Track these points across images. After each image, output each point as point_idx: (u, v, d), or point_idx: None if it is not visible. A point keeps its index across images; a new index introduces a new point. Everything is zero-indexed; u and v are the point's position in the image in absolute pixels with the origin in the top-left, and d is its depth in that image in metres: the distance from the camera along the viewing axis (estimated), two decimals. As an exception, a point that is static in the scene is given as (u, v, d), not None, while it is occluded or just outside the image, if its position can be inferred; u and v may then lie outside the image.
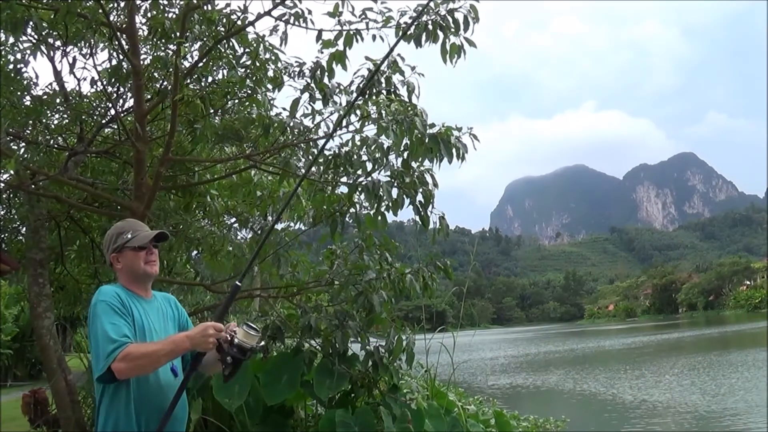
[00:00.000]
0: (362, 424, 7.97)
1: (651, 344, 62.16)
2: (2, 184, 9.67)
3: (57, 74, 9.39)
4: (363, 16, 7.41)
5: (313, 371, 8.39)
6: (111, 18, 7.85)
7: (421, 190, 7.49)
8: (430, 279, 8.27)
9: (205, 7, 7.67)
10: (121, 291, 4.01)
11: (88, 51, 8.94)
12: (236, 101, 8.73)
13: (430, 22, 7.26)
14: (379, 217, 7.65)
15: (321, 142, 8.39)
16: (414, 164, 7.57)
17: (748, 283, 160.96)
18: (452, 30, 7.20)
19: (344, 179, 7.98)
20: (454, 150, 7.25)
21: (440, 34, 7.22)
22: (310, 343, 8.75)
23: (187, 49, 7.94)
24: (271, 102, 8.56)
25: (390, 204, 7.51)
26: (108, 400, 3.87)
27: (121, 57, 8.41)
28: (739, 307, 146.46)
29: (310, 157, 8.49)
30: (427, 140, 7.17)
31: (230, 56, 8.19)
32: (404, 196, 7.48)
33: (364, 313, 8.25)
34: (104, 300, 3.87)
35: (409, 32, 7.31)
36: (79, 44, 8.75)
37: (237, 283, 4.27)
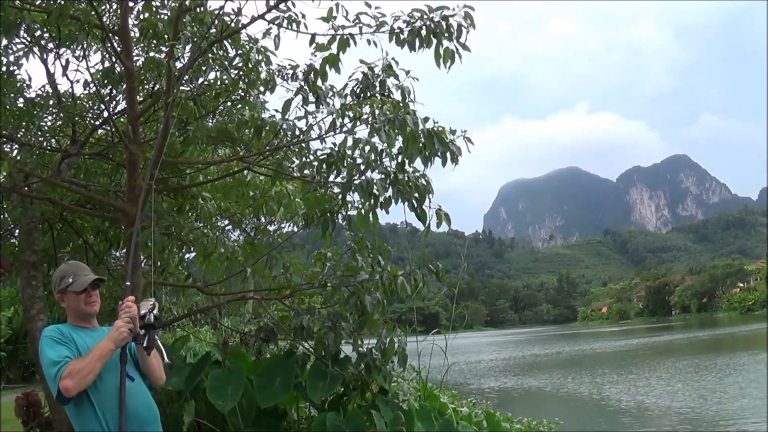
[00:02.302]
0: (354, 427, 7.97)
1: (644, 347, 62.23)
2: (-5, 187, 9.65)
3: (50, 76, 9.39)
4: (356, 21, 7.41)
5: (306, 374, 8.40)
6: (104, 20, 7.85)
7: (414, 187, 7.48)
8: (422, 281, 8.27)
9: (198, 10, 7.67)
10: (65, 327, 4.50)
11: (81, 53, 8.93)
12: (229, 103, 8.74)
13: (423, 27, 7.28)
14: (371, 217, 7.65)
15: (313, 144, 8.43)
16: (408, 168, 7.59)
17: (741, 285, 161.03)
18: (446, 36, 7.22)
19: (338, 180, 7.99)
20: (448, 153, 7.28)
21: (434, 39, 7.24)
22: (303, 345, 8.75)
23: (179, 51, 7.95)
24: (264, 104, 8.57)
25: (383, 201, 7.52)
26: (76, 415, 4.30)
27: (113, 59, 8.42)
28: (733, 310, 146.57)
29: (304, 159, 8.51)
30: (422, 137, 7.19)
31: (223, 59, 8.20)
32: (398, 194, 7.47)
33: (356, 315, 8.25)
34: (46, 335, 4.36)
35: (402, 37, 7.34)
36: (72, 46, 8.74)
37: (127, 283, 4.90)
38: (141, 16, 8.43)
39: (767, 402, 21.87)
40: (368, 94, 7.86)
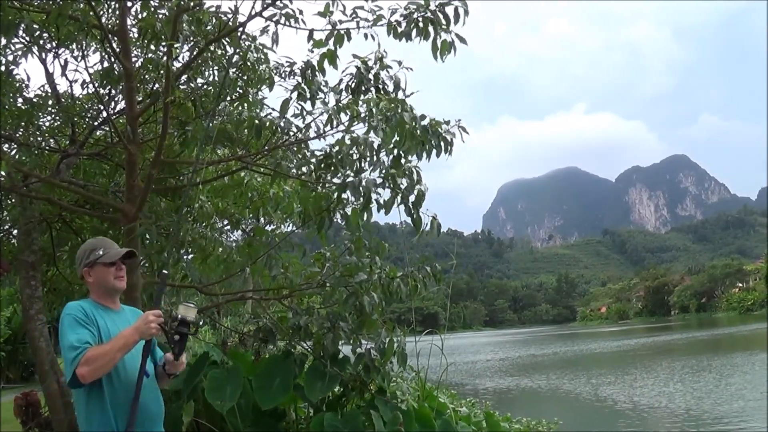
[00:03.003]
0: (352, 427, 7.97)
1: (643, 347, 62.24)
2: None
3: (49, 76, 9.40)
4: (354, 15, 7.42)
5: (304, 374, 8.40)
6: (102, 20, 7.85)
7: (411, 191, 7.47)
8: (421, 282, 8.26)
9: (196, 9, 7.68)
10: (87, 304, 4.36)
11: (80, 53, 8.94)
12: (227, 103, 8.73)
13: (420, 18, 7.29)
14: (365, 216, 7.65)
15: (311, 143, 8.43)
16: (404, 163, 7.57)
17: (740, 285, 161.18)
18: (443, 26, 7.23)
19: (335, 179, 7.99)
20: (442, 142, 7.28)
21: (431, 30, 7.25)
22: (302, 345, 8.75)
23: (178, 51, 7.95)
24: (263, 102, 8.58)
25: (383, 203, 7.51)
26: (85, 404, 4.22)
27: (112, 59, 8.42)
28: (732, 310, 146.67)
29: (301, 157, 8.50)
30: (418, 133, 7.20)
31: (221, 58, 8.20)
32: (396, 197, 7.46)
33: (355, 315, 8.25)
34: (69, 314, 4.23)
35: (400, 30, 7.35)
36: (70, 46, 8.75)
37: (164, 271, 4.75)
38: (139, 16, 8.43)
39: (767, 402, 21.87)
40: (363, 89, 7.86)
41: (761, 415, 20.41)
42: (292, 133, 8.42)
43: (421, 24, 7.26)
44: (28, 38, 8.18)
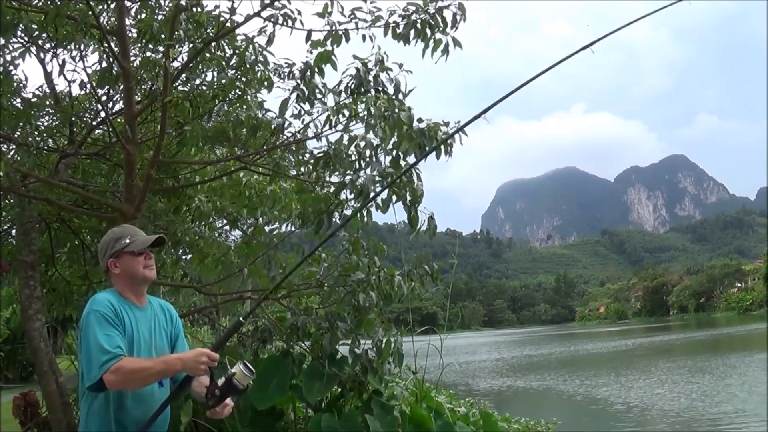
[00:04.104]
0: (350, 428, 7.97)
1: (642, 347, 62.23)
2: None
3: (47, 76, 9.39)
4: (352, 16, 7.44)
5: (302, 374, 8.40)
6: (100, 20, 7.85)
7: (409, 189, 7.47)
8: (419, 281, 8.26)
9: (194, 9, 7.68)
10: (114, 298, 4.07)
11: (78, 53, 8.94)
12: (225, 103, 8.73)
13: (419, 20, 7.31)
14: (366, 217, 7.65)
15: (310, 143, 8.44)
16: (402, 163, 7.57)
17: (739, 285, 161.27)
18: (440, 28, 7.25)
19: (334, 179, 7.99)
20: (442, 146, 7.27)
21: (428, 32, 7.27)
22: (300, 345, 8.75)
23: (176, 51, 7.95)
24: (261, 103, 8.59)
25: (381, 202, 7.51)
26: (88, 404, 4.01)
27: (111, 59, 8.41)
28: (731, 310, 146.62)
29: (300, 157, 8.51)
30: (415, 136, 7.20)
31: (220, 58, 8.21)
32: (393, 196, 7.46)
33: (353, 314, 8.26)
34: (98, 309, 3.93)
35: (398, 31, 7.37)
36: (69, 46, 8.74)
37: (240, 319, 4.40)
38: (138, 16, 8.44)
39: (767, 402, 21.86)
40: (362, 90, 7.86)
41: (760, 414, 20.39)
42: (290, 133, 8.43)
43: (419, 26, 7.29)
44: (26, 38, 8.18)
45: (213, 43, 7.96)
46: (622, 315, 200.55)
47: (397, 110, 7.23)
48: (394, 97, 7.70)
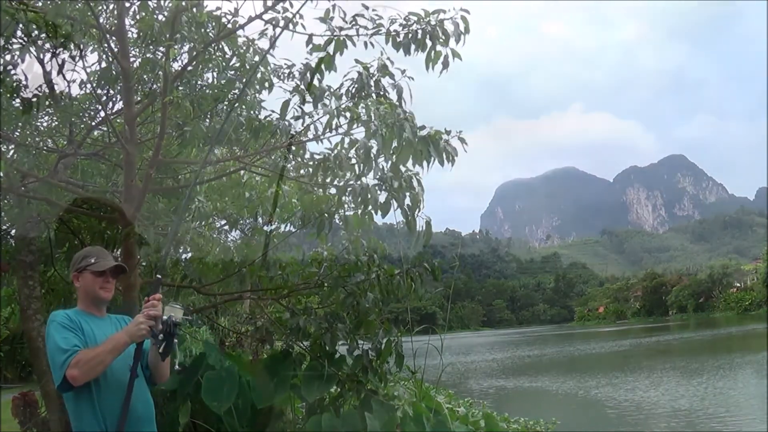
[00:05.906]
0: (349, 427, 7.97)
1: (641, 347, 62.21)
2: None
3: (46, 76, 9.38)
4: (353, 23, 7.42)
5: (302, 373, 8.40)
6: (100, 20, 7.85)
7: (408, 194, 7.46)
8: (420, 279, 8.26)
9: (194, 10, 7.68)
10: (73, 312, 4.46)
11: (78, 53, 8.93)
12: (225, 104, 8.73)
13: (420, 30, 7.30)
14: (367, 217, 7.65)
15: (310, 145, 8.43)
16: (402, 168, 7.56)
17: (738, 285, 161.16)
18: (441, 40, 7.25)
19: (334, 182, 7.99)
20: (444, 153, 7.26)
21: (429, 43, 7.27)
22: (300, 345, 8.75)
23: (176, 52, 7.95)
24: (261, 104, 8.58)
25: (380, 206, 7.50)
26: (74, 406, 4.30)
27: (110, 59, 8.41)
28: (729, 310, 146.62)
29: (300, 159, 8.50)
30: (416, 142, 7.18)
31: (220, 59, 8.20)
32: (392, 200, 7.45)
33: (353, 315, 8.26)
34: (54, 320, 4.34)
35: (399, 40, 7.36)
36: (68, 46, 8.74)
37: (158, 276, 4.83)
38: (137, 17, 8.43)
39: (767, 402, 21.86)
40: (363, 94, 7.85)
41: (759, 415, 20.41)
42: (290, 135, 8.42)
43: (419, 36, 7.28)
44: (25, 38, 8.17)
45: (213, 44, 7.96)
46: (621, 315, 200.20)
47: (401, 118, 7.21)
48: (397, 103, 7.69)
